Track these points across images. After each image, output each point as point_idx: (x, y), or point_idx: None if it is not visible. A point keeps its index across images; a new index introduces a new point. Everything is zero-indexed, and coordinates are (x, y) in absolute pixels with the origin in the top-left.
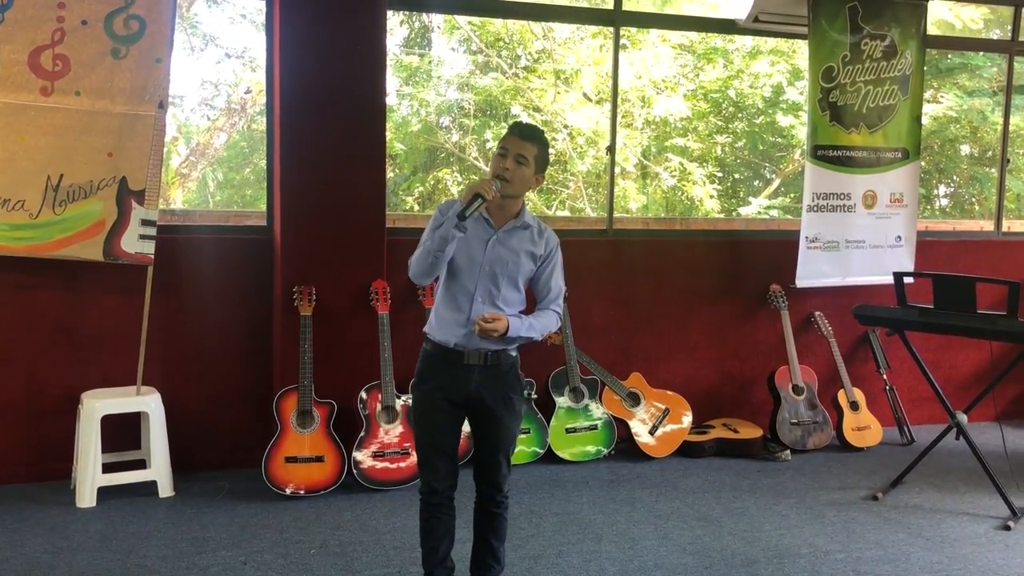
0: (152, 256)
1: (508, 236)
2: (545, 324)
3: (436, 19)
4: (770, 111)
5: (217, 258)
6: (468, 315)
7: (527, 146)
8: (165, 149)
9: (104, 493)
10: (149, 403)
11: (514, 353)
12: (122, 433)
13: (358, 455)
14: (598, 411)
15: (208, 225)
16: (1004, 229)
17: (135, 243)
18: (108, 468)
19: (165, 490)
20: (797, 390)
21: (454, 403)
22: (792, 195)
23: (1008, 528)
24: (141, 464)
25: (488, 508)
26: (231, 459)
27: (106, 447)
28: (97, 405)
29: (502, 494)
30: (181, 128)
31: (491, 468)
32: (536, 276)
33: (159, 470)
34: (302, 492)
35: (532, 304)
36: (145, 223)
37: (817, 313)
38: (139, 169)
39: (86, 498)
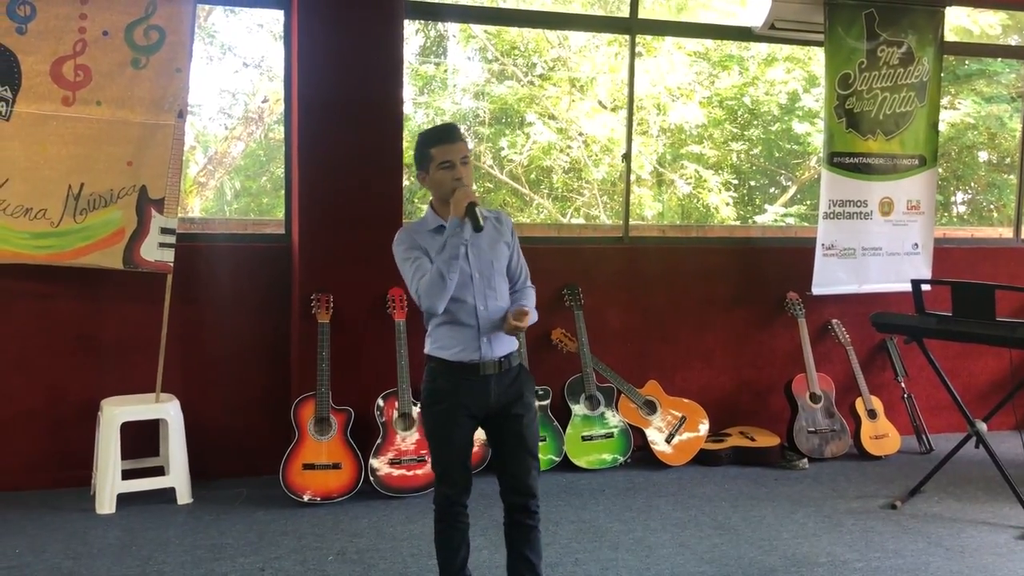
0: (171, 264)
1: (478, 236)
2: (533, 302)
3: (452, 28)
4: (786, 118)
5: (235, 266)
6: (478, 327)
7: (462, 146)
8: (184, 158)
9: (123, 500)
10: (168, 410)
11: (518, 352)
12: (141, 440)
13: (375, 462)
14: (614, 419)
15: (226, 233)
16: (1023, 236)
17: (155, 251)
18: (127, 475)
19: (183, 497)
20: (814, 398)
21: (474, 417)
22: (808, 202)
23: None
24: (160, 471)
25: (521, 520)
26: (249, 466)
27: (125, 454)
28: (117, 412)
29: (535, 500)
30: (199, 137)
31: (521, 472)
32: (508, 261)
33: (178, 477)
34: (319, 499)
35: None
36: (164, 231)
37: (834, 321)
38: (159, 178)
39: (106, 504)
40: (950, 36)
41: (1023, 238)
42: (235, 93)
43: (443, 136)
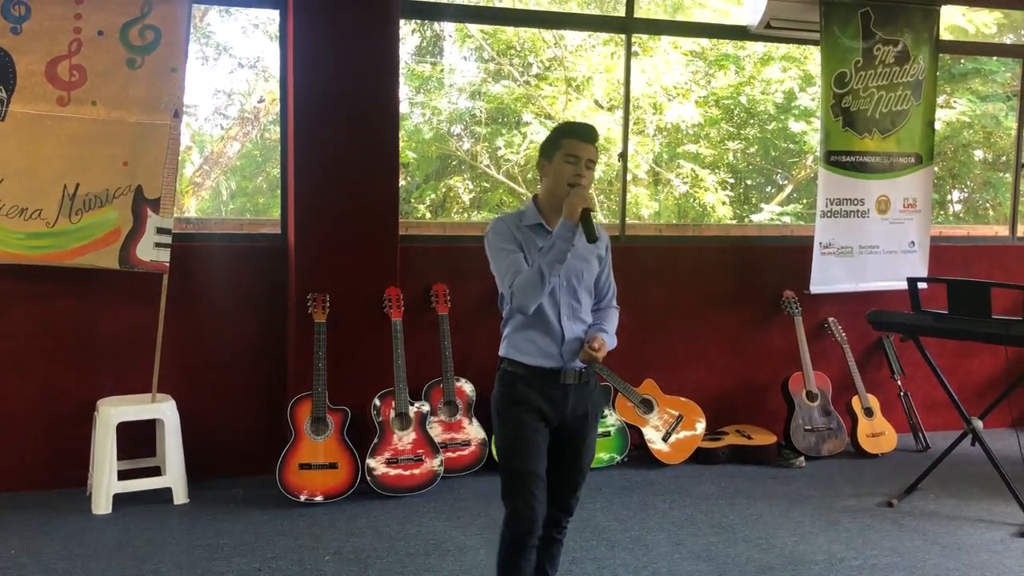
0: (167, 264)
1: (576, 245)
2: (615, 325)
3: (448, 28)
4: (782, 117)
5: (231, 266)
6: (561, 335)
7: (593, 149)
8: (180, 158)
9: (120, 500)
10: (164, 410)
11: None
12: (137, 440)
13: (371, 462)
14: (611, 418)
15: (223, 233)
16: (1019, 234)
17: (150, 251)
18: (124, 475)
19: (180, 497)
20: (811, 396)
21: (548, 426)
22: (804, 201)
23: None
24: (156, 471)
25: (550, 534)
26: (245, 466)
27: (122, 454)
28: (113, 412)
29: (569, 519)
30: (195, 137)
31: (568, 490)
32: (597, 277)
33: (174, 477)
34: (316, 499)
35: None
36: (160, 231)
37: (831, 319)
38: (154, 178)
39: (102, 505)
40: (945, 35)
41: (1019, 236)
42: (231, 93)
43: (579, 131)
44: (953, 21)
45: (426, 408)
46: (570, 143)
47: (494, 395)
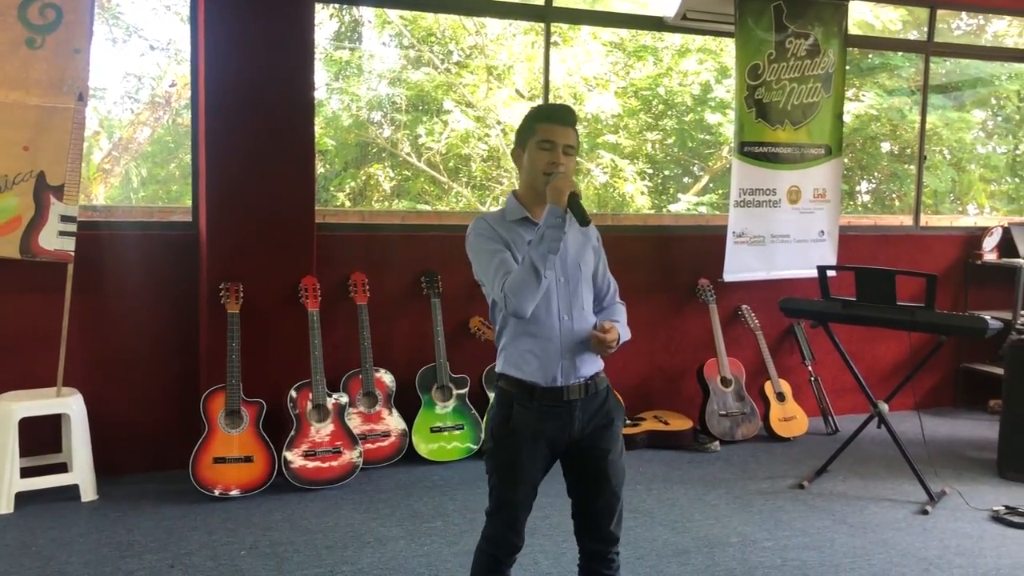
0: (72, 253)
1: (567, 236)
2: (625, 319)
3: (367, 13)
4: (699, 109)
5: (141, 255)
6: (559, 341)
7: (570, 133)
8: (86, 143)
9: (23, 499)
10: (70, 404)
11: (603, 373)
12: (42, 436)
13: (288, 455)
14: None
15: (131, 221)
16: (922, 224)
17: (54, 240)
18: (27, 472)
19: (88, 494)
20: (725, 382)
21: (553, 450)
22: (720, 191)
23: (926, 512)
24: (62, 468)
25: (598, 570)
26: (157, 461)
27: (25, 451)
28: (15, 407)
29: (616, 547)
30: (103, 122)
31: (603, 516)
32: (594, 272)
33: (81, 473)
34: (232, 493)
35: None
36: (65, 219)
37: (744, 306)
38: (58, 163)
39: (3, 504)
40: (854, 30)
41: (922, 225)
42: (141, 77)
43: (553, 114)
44: (861, 16)
45: (344, 399)
46: (544, 128)
47: (491, 414)
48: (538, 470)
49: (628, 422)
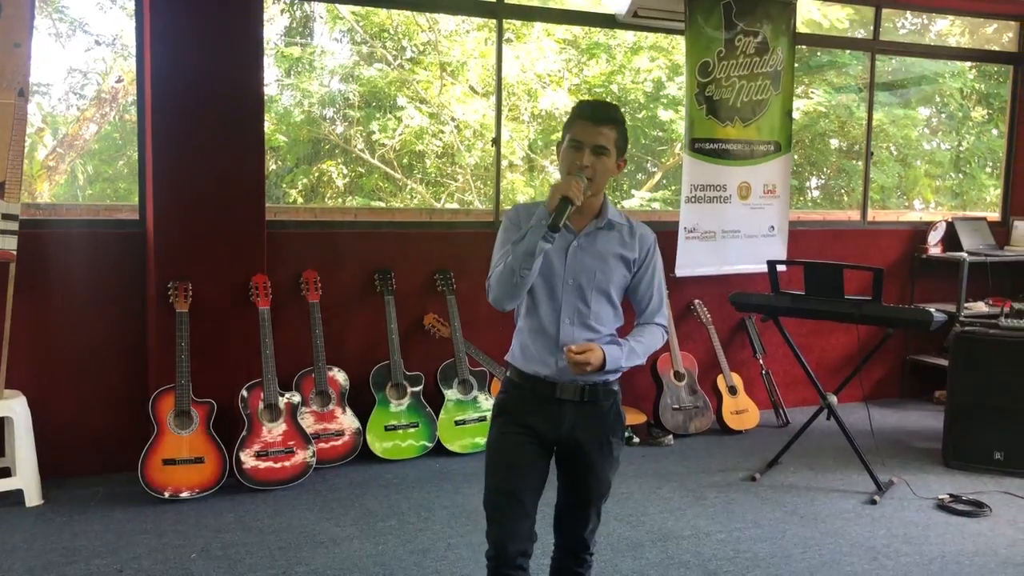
0: (14, 252)
1: (591, 240)
2: (650, 344)
3: (318, 8)
4: (651, 106)
5: (86, 254)
6: (557, 340)
7: (603, 131)
8: (29, 140)
9: None
10: (13, 407)
11: (615, 387)
12: None
13: (240, 455)
14: (487, 403)
15: (76, 219)
16: (869, 219)
17: None
18: None
19: (32, 499)
20: (678, 376)
21: (542, 443)
22: (673, 188)
23: (874, 502)
24: (6, 472)
25: (570, 567)
26: (106, 463)
27: None
28: None
29: (589, 551)
30: (47, 118)
31: (578, 521)
32: (632, 285)
33: (25, 478)
34: (182, 495)
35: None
36: (6, 217)
37: (696, 301)
38: None
39: None
40: (802, 28)
41: (869, 221)
42: (87, 72)
43: (587, 112)
44: (809, 15)
45: (297, 399)
46: (577, 125)
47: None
48: (526, 459)
49: None
